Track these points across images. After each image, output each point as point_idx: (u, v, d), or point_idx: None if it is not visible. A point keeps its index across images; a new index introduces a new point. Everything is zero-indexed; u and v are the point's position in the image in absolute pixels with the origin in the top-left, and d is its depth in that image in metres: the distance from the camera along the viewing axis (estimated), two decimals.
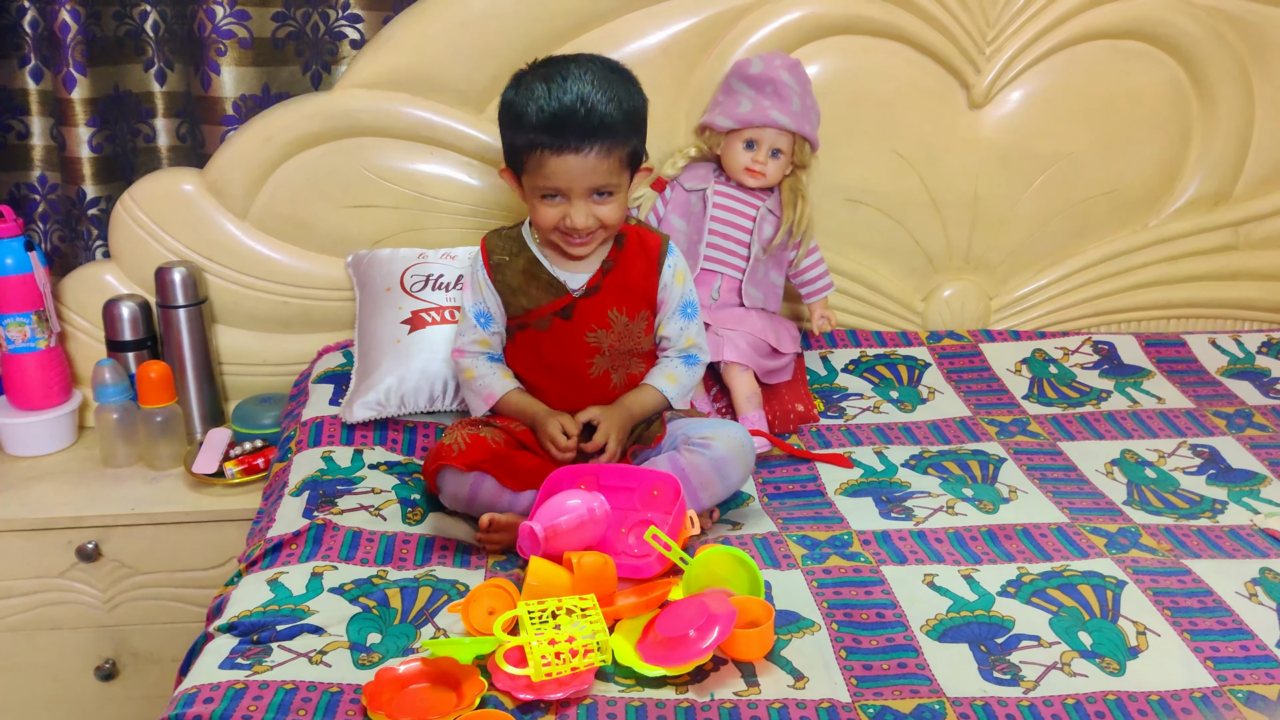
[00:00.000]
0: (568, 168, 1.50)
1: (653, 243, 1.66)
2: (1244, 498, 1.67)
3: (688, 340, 1.68)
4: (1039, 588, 1.40)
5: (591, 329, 1.61)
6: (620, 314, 1.62)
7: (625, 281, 1.63)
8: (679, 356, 1.68)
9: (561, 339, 1.62)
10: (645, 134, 1.59)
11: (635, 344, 1.65)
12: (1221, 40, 2.10)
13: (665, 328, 1.67)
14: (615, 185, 1.54)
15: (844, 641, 1.28)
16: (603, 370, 1.63)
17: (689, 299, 1.68)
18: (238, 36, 2.06)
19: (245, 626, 1.30)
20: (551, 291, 1.61)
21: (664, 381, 1.66)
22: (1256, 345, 2.16)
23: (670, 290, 1.66)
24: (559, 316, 1.61)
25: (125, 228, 2.03)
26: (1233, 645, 1.29)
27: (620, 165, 1.54)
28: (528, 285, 1.62)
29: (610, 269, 1.62)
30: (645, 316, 1.65)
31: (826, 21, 2.01)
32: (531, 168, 1.53)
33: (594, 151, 1.50)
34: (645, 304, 1.65)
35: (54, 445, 2.06)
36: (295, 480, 1.65)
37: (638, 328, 1.64)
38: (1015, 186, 2.14)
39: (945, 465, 1.76)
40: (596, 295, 1.61)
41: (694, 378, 1.69)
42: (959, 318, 2.21)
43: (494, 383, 1.65)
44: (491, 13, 1.95)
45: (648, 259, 1.64)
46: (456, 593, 1.39)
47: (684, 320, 1.67)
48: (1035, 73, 2.08)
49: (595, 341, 1.61)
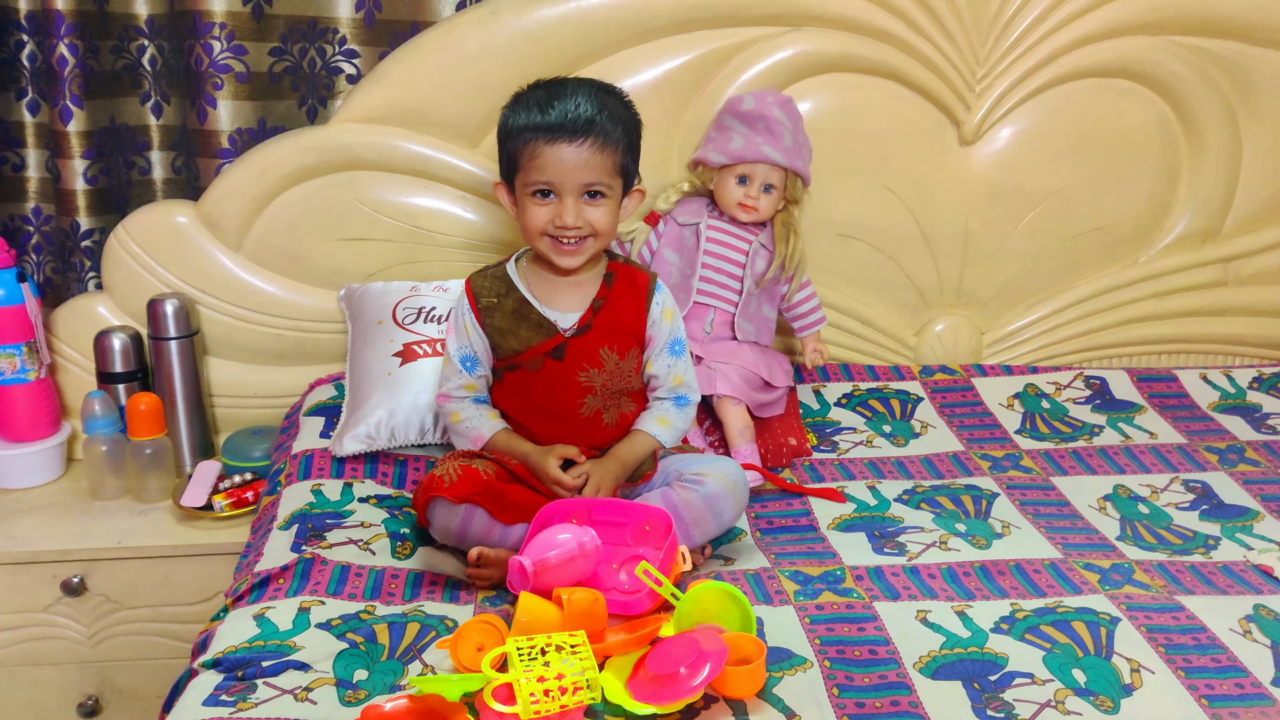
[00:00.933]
0: (561, 158, 1.52)
1: (641, 280, 1.66)
2: (1237, 533, 1.67)
3: (676, 378, 1.67)
4: (1032, 624, 1.39)
5: (583, 368, 1.61)
6: (611, 352, 1.62)
7: (616, 320, 1.63)
8: (670, 399, 1.67)
9: (553, 379, 1.61)
10: (638, 153, 1.61)
11: (627, 383, 1.64)
12: (1209, 80, 2.12)
13: (653, 365, 1.66)
14: (607, 189, 1.55)
15: (836, 679, 1.27)
16: (594, 410, 1.62)
17: (677, 336, 1.67)
18: (234, 71, 2.07)
19: (230, 663, 1.29)
20: (542, 332, 1.61)
21: (656, 426, 1.65)
22: (1248, 380, 2.17)
23: (659, 327, 1.65)
24: (550, 357, 1.61)
25: (118, 259, 2.03)
26: (1227, 683, 1.28)
27: (613, 169, 1.55)
28: (517, 326, 1.61)
29: (601, 307, 1.62)
30: (635, 355, 1.65)
31: (818, 59, 2.03)
32: (525, 162, 1.54)
33: (588, 144, 1.52)
34: (635, 342, 1.65)
35: (42, 477, 2.05)
36: (284, 514, 1.64)
37: (629, 366, 1.64)
38: (1006, 222, 2.15)
39: (938, 500, 1.76)
40: (588, 334, 1.61)
41: (686, 420, 1.69)
42: (951, 352, 2.22)
43: (481, 425, 1.64)
44: (486, 49, 1.97)
45: (637, 296, 1.64)
46: (445, 629, 1.38)
47: (672, 358, 1.66)
48: (1025, 110, 2.10)
49: (587, 381, 1.61)
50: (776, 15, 2.01)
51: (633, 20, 1.98)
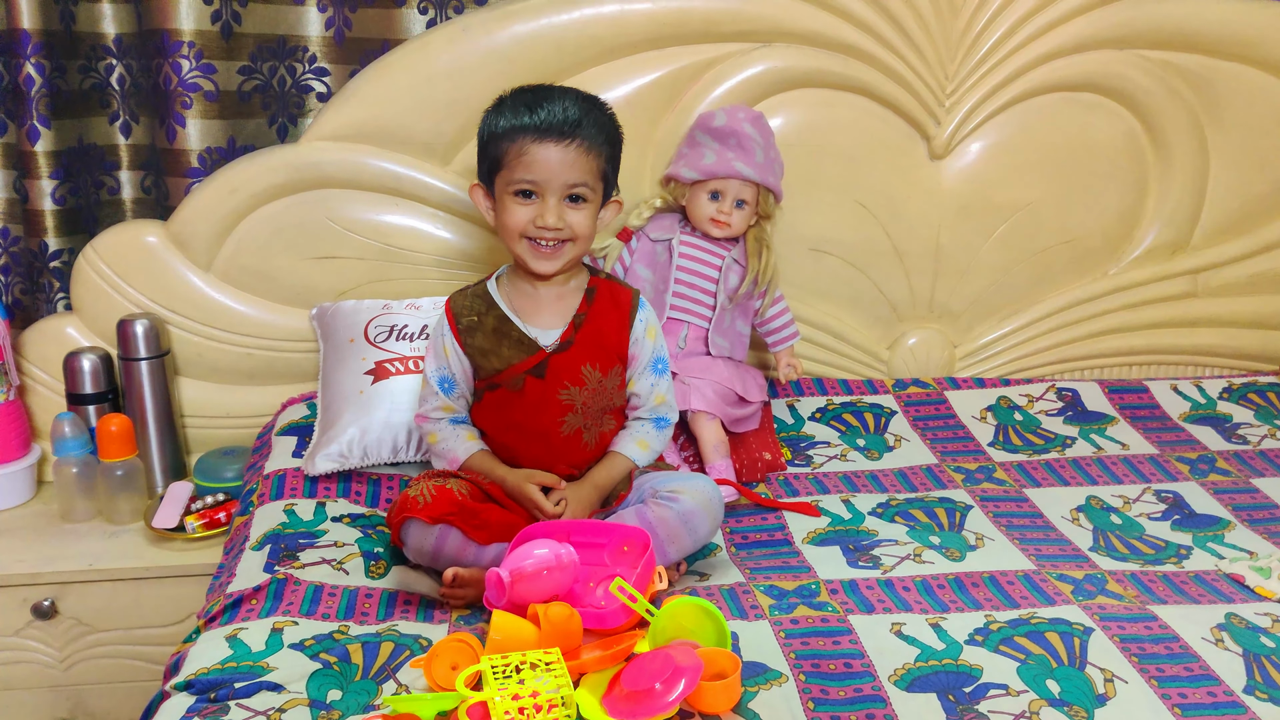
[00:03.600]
0: (548, 156, 1.52)
1: (624, 296, 1.65)
2: (1208, 543, 1.68)
3: (658, 398, 1.67)
4: (1006, 635, 1.39)
5: (565, 386, 1.60)
6: (594, 370, 1.61)
7: (597, 336, 1.62)
8: (651, 419, 1.67)
9: (534, 398, 1.60)
10: (619, 164, 1.62)
11: (609, 400, 1.64)
12: (1175, 94, 2.14)
13: (636, 384, 1.66)
14: (589, 192, 1.56)
15: (812, 692, 1.27)
16: (575, 429, 1.62)
17: (660, 354, 1.67)
18: (203, 89, 2.06)
19: (202, 684, 1.27)
20: (523, 349, 1.60)
21: (635, 449, 1.65)
22: (1218, 391, 2.18)
23: (641, 345, 1.65)
24: (532, 375, 1.60)
25: (87, 280, 2.02)
26: (1200, 691, 1.29)
27: (596, 174, 1.56)
28: (498, 345, 1.61)
29: (582, 323, 1.61)
30: (618, 372, 1.64)
31: (789, 75, 2.04)
32: (510, 160, 1.54)
33: (575, 145, 1.53)
34: (618, 359, 1.64)
35: (11, 500, 2.02)
36: (257, 534, 1.63)
37: (611, 384, 1.63)
38: (977, 236, 2.17)
39: (912, 513, 1.76)
40: (570, 350, 1.60)
41: (664, 441, 1.69)
42: (924, 365, 2.23)
43: (457, 446, 1.63)
44: (457, 67, 1.97)
45: (620, 313, 1.64)
46: (419, 648, 1.37)
47: (655, 377, 1.66)
48: (994, 124, 2.11)
49: (569, 399, 1.60)
50: (747, 32, 2.02)
51: (604, 37, 1.99)
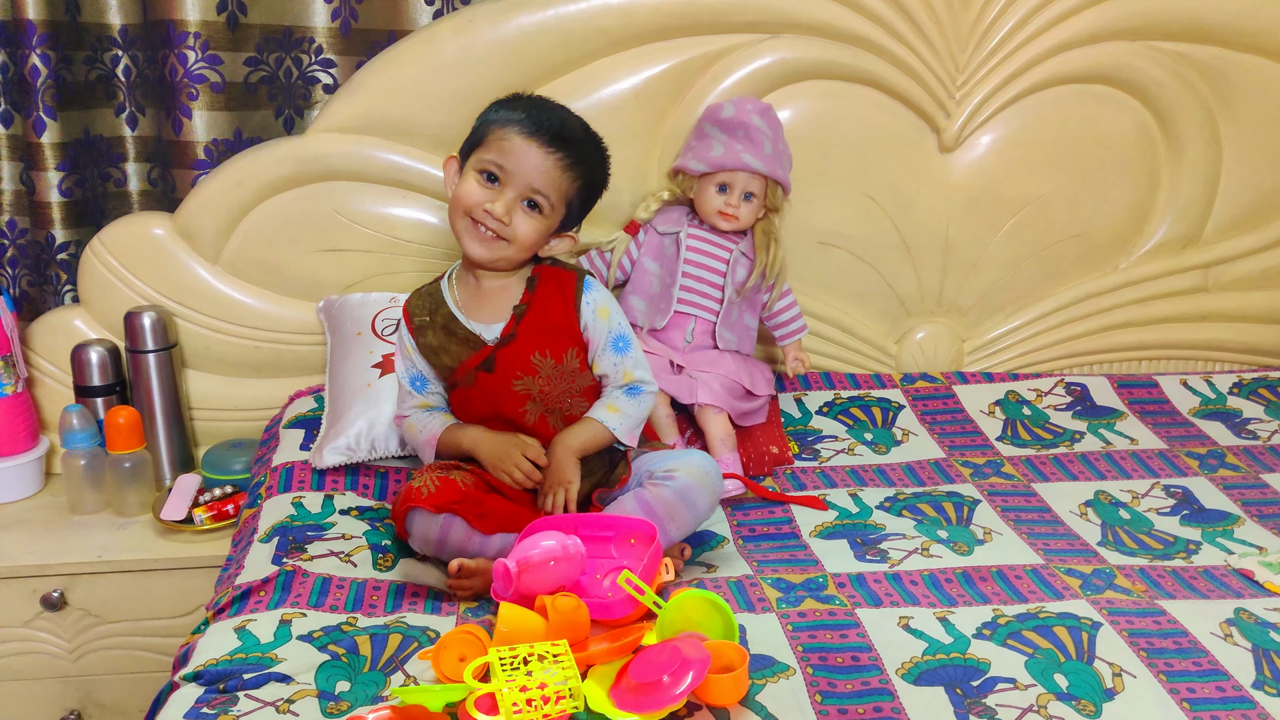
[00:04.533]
0: (527, 152, 1.53)
1: (568, 280, 1.63)
2: (1218, 538, 1.68)
3: (625, 375, 1.65)
4: (1014, 629, 1.39)
5: (517, 376, 1.60)
6: (545, 357, 1.61)
7: (543, 323, 1.61)
8: (621, 389, 1.66)
9: (489, 392, 1.61)
10: (589, 206, 1.63)
11: (570, 384, 1.63)
12: (1188, 85, 2.13)
13: (600, 365, 1.65)
14: (548, 207, 1.56)
15: (819, 685, 1.27)
16: (538, 416, 1.62)
17: (618, 333, 1.64)
18: (210, 81, 2.06)
19: (211, 675, 1.28)
20: (469, 346, 1.61)
21: (604, 413, 1.62)
22: (1228, 386, 2.17)
23: (594, 328, 1.63)
24: (481, 370, 1.61)
25: (95, 272, 2.02)
26: (1209, 686, 1.29)
27: (562, 194, 1.56)
28: (448, 343, 1.62)
29: (524, 314, 1.60)
30: (575, 354, 1.63)
31: (798, 66, 2.03)
32: (491, 141, 1.55)
33: (557, 157, 1.53)
34: (571, 341, 1.63)
35: (20, 492, 2.03)
36: (265, 526, 1.63)
37: (569, 367, 1.62)
38: (986, 229, 2.16)
39: (920, 507, 1.76)
40: (514, 343, 1.60)
41: (640, 408, 1.65)
42: (932, 360, 2.22)
43: (431, 422, 1.65)
44: (463, 58, 1.96)
45: (564, 297, 1.62)
46: (427, 639, 1.37)
47: (616, 355, 1.64)
48: (1005, 117, 2.10)
49: (523, 389, 1.60)
50: (755, 23, 2.01)
51: (612, 28, 1.98)
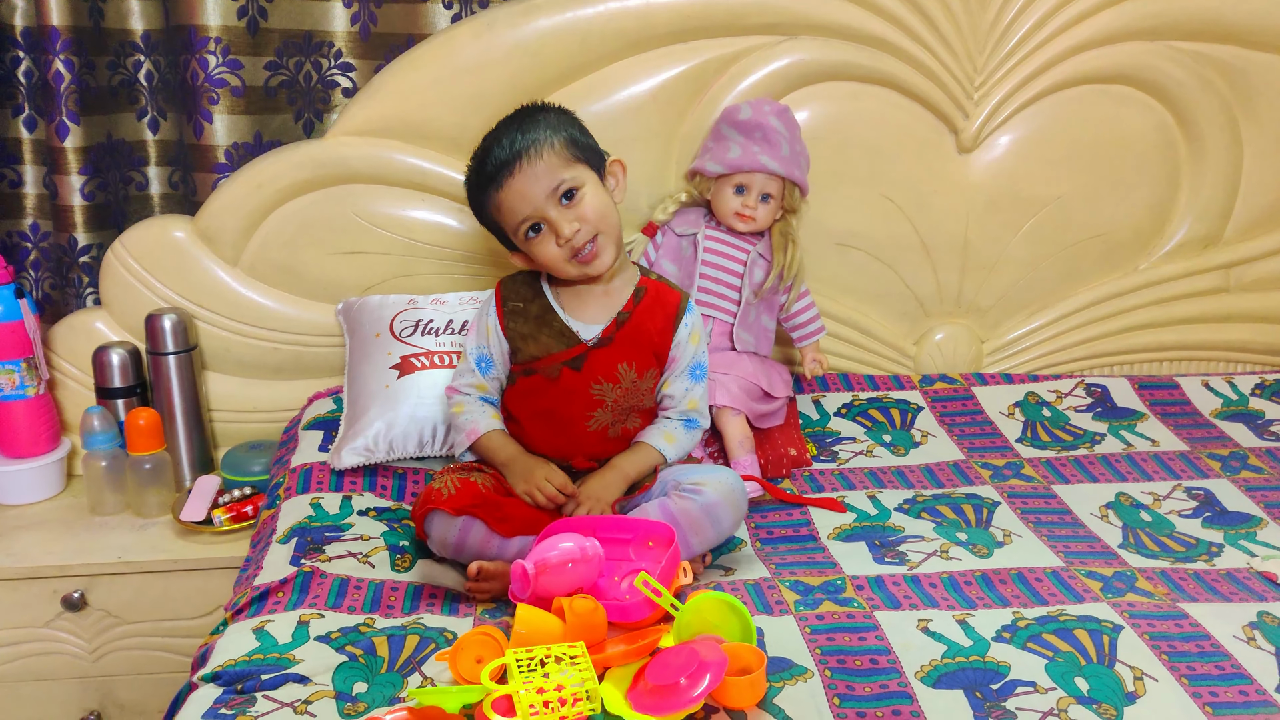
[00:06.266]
0: (515, 189, 1.54)
1: (671, 299, 1.66)
2: (1240, 540, 1.66)
3: (690, 403, 1.67)
4: (1034, 633, 1.38)
5: (598, 381, 1.60)
6: (630, 369, 1.62)
7: (639, 335, 1.62)
8: (680, 419, 1.67)
9: (567, 389, 1.61)
10: (586, 132, 1.62)
11: (639, 401, 1.64)
12: (1208, 85, 2.11)
13: (670, 386, 1.66)
14: (573, 179, 1.56)
15: (837, 689, 1.27)
16: (602, 425, 1.62)
17: (699, 361, 1.67)
18: (230, 85, 2.07)
19: (229, 676, 1.28)
20: (564, 340, 1.61)
21: (661, 441, 1.64)
22: (1250, 387, 2.16)
23: (683, 349, 1.65)
24: (568, 366, 1.61)
25: (116, 275, 2.03)
26: (1232, 690, 1.28)
27: (564, 158, 1.56)
28: (539, 332, 1.62)
29: (625, 321, 1.62)
30: (653, 375, 1.65)
31: (815, 68, 2.03)
32: (500, 218, 1.58)
33: (524, 163, 1.54)
34: (656, 361, 1.64)
35: (42, 493, 2.04)
36: (283, 527, 1.63)
37: (645, 385, 1.64)
38: (1005, 230, 2.15)
39: (939, 509, 1.75)
40: (609, 347, 1.61)
41: (692, 441, 1.69)
42: (951, 361, 2.21)
43: (479, 420, 1.64)
44: (482, 61, 1.96)
45: (665, 314, 1.64)
46: (444, 641, 1.37)
47: (691, 381, 1.67)
48: (1023, 117, 2.09)
49: (600, 394, 1.61)
50: (773, 24, 2.00)
51: (630, 30, 1.98)
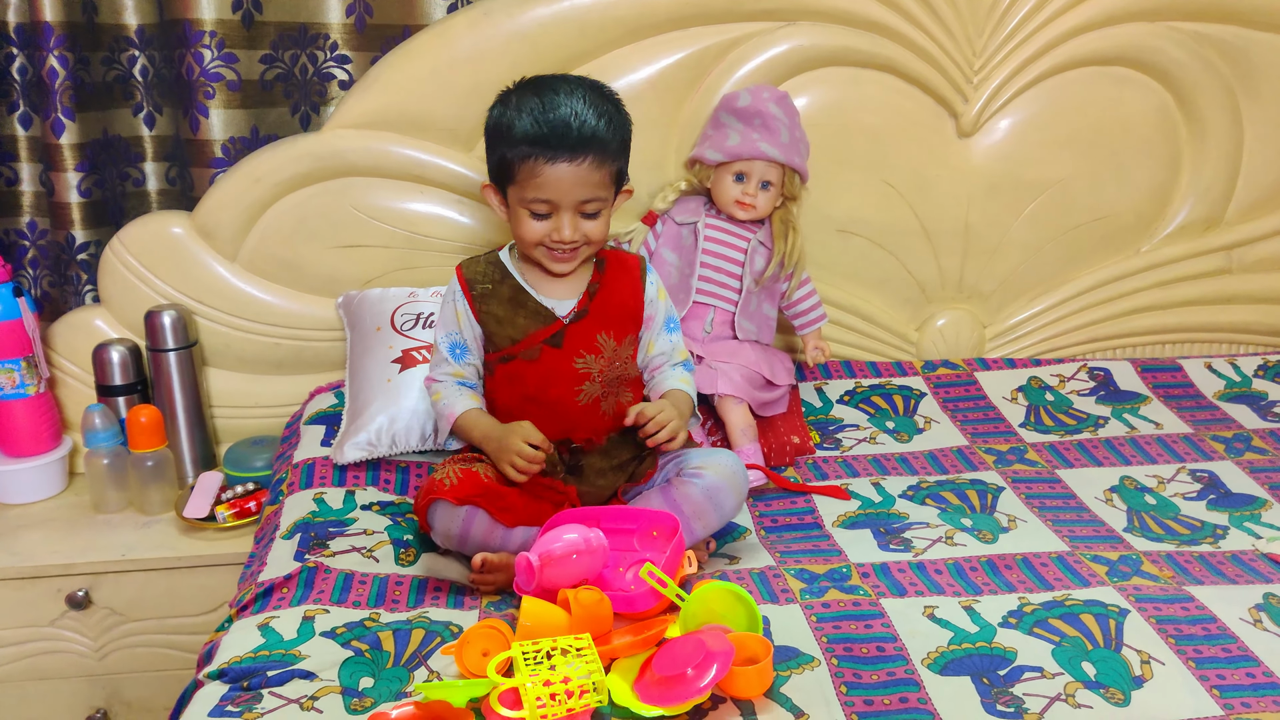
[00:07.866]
0: (560, 176, 1.51)
1: (631, 261, 1.68)
2: (1245, 522, 1.66)
3: (681, 353, 1.71)
4: (1041, 618, 1.38)
5: (580, 354, 1.61)
6: (609, 338, 1.62)
7: (612, 302, 1.63)
8: (680, 365, 1.70)
9: (549, 367, 1.61)
10: (629, 155, 1.61)
11: (624, 369, 1.65)
12: (1209, 66, 2.10)
13: (657, 344, 1.68)
14: (602, 201, 1.56)
15: (844, 676, 1.26)
16: (592, 398, 1.62)
17: (670, 314, 1.71)
18: (226, 79, 2.06)
19: (235, 673, 1.28)
20: (540, 319, 1.61)
21: (681, 384, 1.66)
22: (1253, 368, 2.15)
23: (655, 305, 1.68)
24: (548, 344, 1.60)
25: (114, 272, 2.02)
26: (1239, 672, 1.27)
27: (608, 181, 1.56)
28: (514, 314, 1.61)
29: (596, 291, 1.62)
30: (631, 341, 1.66)
31: (814, 54, 2.02)
32: (523, 179, 1.53)
33: (587, 162, 1.51)
34: (632, 326, 1.65)
35: (44, 492, 2.04)
36: (287, 523, 1.63)
37: (625, 352, 1.64)
38: (1006, 214, 2.14)
39: (943, 495, 1.75)
40: (585, 320, 1.61)
41: (693, 379, 1.71)
42: (953, 347, 2.20)
43: (455, 401, 1.63)
44: (479, 52, 1.96)
45: (631, 278, 1.66)
46: (450, 634, 1.37)
47: (670, 334, 1.70)
48: (1023, 100, 2.08)
49: (584, 367, 1.61)
50: (771, 10, 1.99)
51: (628, 18, 1.97)
